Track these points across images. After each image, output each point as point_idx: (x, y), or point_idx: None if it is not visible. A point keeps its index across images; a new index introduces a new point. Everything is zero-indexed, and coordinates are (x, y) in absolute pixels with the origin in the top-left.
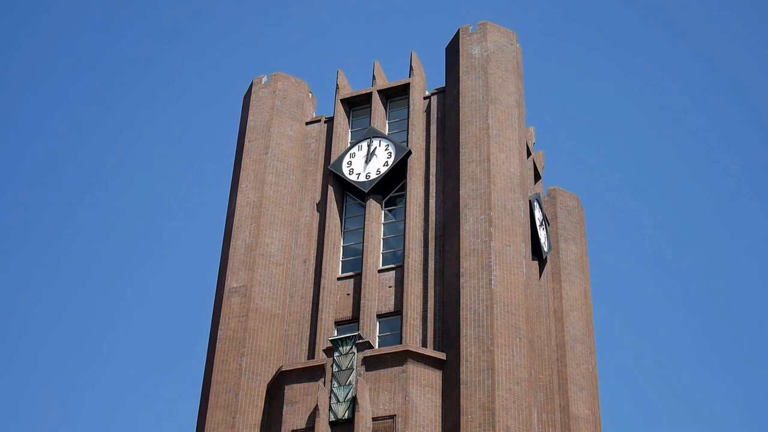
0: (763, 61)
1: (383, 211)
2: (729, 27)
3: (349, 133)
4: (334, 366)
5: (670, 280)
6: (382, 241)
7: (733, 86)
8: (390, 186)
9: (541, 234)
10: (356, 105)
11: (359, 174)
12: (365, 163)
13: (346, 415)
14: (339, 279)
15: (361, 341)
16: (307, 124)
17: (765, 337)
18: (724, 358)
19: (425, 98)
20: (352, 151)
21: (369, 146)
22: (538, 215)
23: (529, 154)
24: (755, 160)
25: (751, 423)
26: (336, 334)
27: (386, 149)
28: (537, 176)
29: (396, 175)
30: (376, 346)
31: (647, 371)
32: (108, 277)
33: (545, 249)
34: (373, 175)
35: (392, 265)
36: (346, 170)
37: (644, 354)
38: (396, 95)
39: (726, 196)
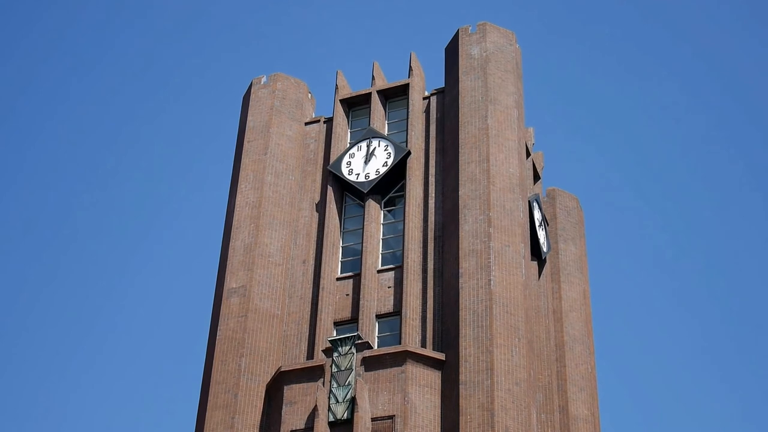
0: (763, 60)
1: (382, 212)
2: (729, 26)
3: (349, 133)
4: (333, 366)
5: (670, 280)
6: (381, 241)
7: (733, 86)
8: (389, 186)
9: (541, 234)
10: (355, 105)
11: (358, 174)
12: (364, 164)
13: (345, 415)
14: (338, 279)
15: (360, 341)
16: (306, 124)
17: (764, 337)
18: (723, 358)
19: (424, 99)
20: (351, 152)
21: (368, 146)
22: (537, 216)
23: (528, 154)
24: (755, 160)
25: (750, 423)
26: (335, 335)
27: (385, 149)
28: (536, 177)
29: (395, 176)
30: (375, 347)
31: (646, 371)
32: (108, 277)
33: (544, 249)
34: (373, 176)
35: (391, 266)
36: (345, 170)
37: (643, 354)
38: (395, 95)
39: (726, 197)
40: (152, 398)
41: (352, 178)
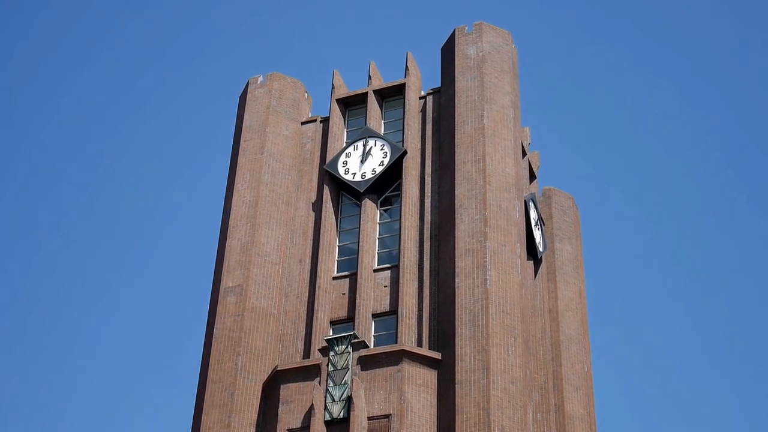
0: (757, 65)
1: (379, 211)
2: (723, 31)
3: (345, 132)
4: (330, 365)
5: (665, 279)
6: (377, 240)
7: (726, 87)
8: (385, 186)
9: (537, 234)
10: (352, 105)
11: (355, 174)
12: (361, 163)
13: (342, 414)
14: (334, 278)
15: (356, 341)
16: (302, 123)
17: (759, 336)
18: (718, 357)
19: (421, 98)
20: (347, 151)
21: (364, 146)
22: (533, 215)
23: (524, 154)
24: (750, 157)
25: (746, 423)
26: (331, 334)
27: (382, 149)
28: (532, 176)
29: (391, 175)
30: (372, 346)
31: (642, 371)
32: (104, 276)
33: (540, 249)
34: (369, 175)
35: (388, 265)
36: (341, 170)
37: (639, 353)
38: (391, 95)
39: (720, 196)
40: (149, 397)
41: (349, 177)
